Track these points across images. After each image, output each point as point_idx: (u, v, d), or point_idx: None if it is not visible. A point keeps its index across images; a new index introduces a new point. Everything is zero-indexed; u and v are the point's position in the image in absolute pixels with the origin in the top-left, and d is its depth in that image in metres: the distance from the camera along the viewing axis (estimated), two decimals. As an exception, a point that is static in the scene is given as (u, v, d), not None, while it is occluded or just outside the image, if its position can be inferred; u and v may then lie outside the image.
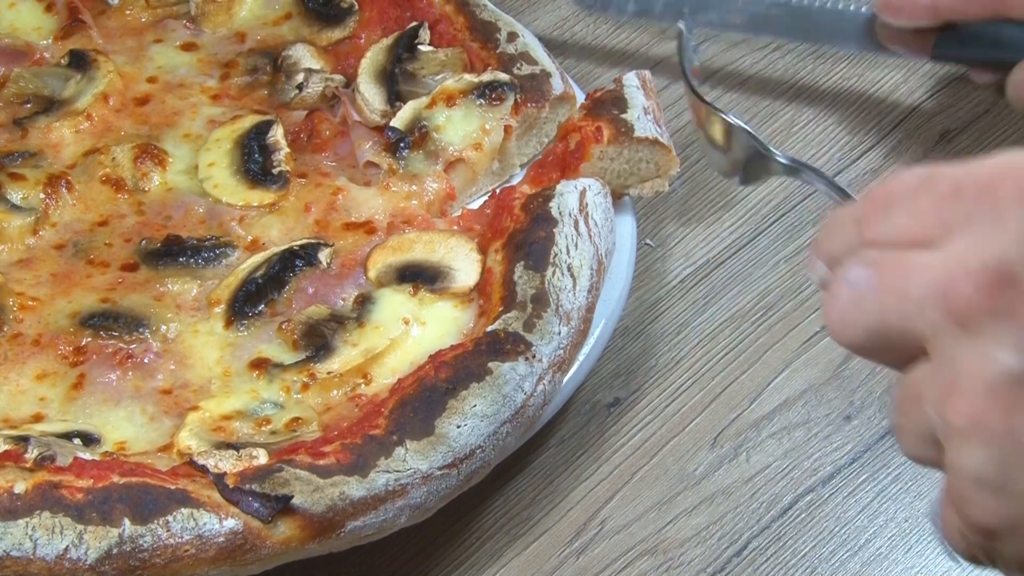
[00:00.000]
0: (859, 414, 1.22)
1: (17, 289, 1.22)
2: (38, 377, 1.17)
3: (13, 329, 1.20)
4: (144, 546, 1.03)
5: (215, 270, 1.24)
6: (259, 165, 1.29)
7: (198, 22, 1.42)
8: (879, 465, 1.19)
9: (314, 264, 1.22)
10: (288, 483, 1.05)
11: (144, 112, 1.35)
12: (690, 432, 1.21)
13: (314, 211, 1.27)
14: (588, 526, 1.16)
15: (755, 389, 1.24)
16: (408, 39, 1.36)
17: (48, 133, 1.33)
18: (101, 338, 1.19)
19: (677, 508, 1.17)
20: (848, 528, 1.16)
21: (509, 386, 1.11)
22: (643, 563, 1.14)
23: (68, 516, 1.03)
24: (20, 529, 1.03)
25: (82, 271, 1.24)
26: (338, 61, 1.38)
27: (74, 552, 1.03)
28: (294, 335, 1.18)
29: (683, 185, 1.38)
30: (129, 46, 1.41)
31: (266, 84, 1.37)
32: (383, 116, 1.31)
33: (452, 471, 1.09)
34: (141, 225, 1.27)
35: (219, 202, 1.28)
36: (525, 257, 1.18)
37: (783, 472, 1.19)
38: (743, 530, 1.16)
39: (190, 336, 1.20)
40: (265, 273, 1.21)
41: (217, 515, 1.04)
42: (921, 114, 1.43)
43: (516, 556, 1.15)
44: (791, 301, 1.29)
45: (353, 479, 1.06)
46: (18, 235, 1.26)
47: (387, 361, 1.16)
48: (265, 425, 1.13)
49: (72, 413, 1.15)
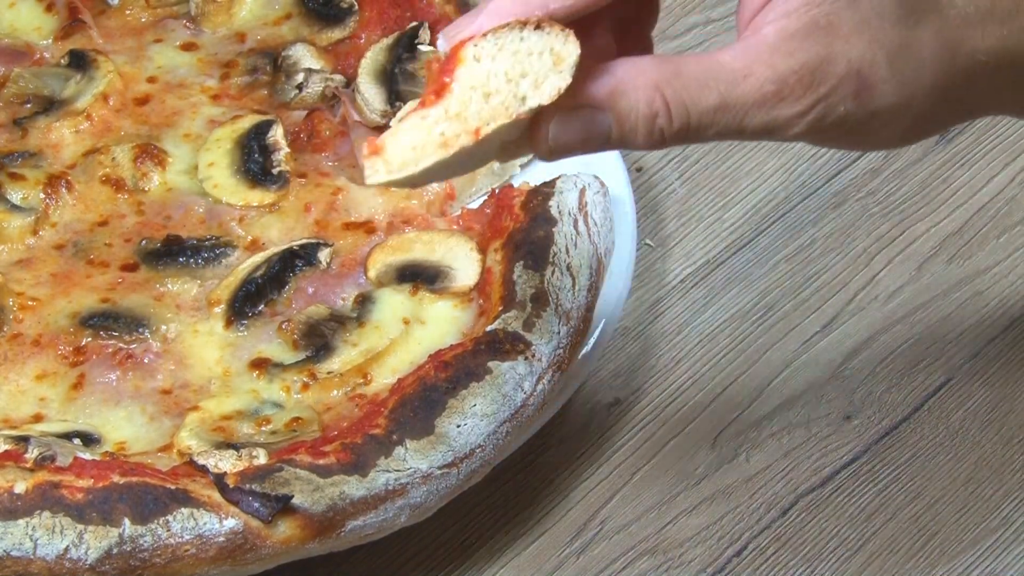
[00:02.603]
0: (859, 414, 1.22)
1: (17, 289, 1.22)
2: (38, 377, 1.17)
3: (13, 329, 1.20)
4: (144, 546, 1.03)
5: (215, 270, 1.24)
6: (259, 165, 1.29)
7: (198, 22, 1.42)
8: (879, 465, 1.19)
9: (314, 264, 1.22)
10: (288, 483, 1.05)
11: (144, 112, 1.35)
12: (690, 432, 1.21)
13: (314, 211, 1.27)
14: (588, 526, 1.16)
15: (755, 389, 1.24)
16: (408, 39, 1.36)
17: (48, 133, 1.33)
18: (101, 338, 1.19)
19: (677, 508, 1.17)
20: (848, 528, 1.16)
21: (509, 385, 1.11)
22: (643, 563, 1.14)
23: (68, 516, 1.03)
24: (20, 529, 1.03)
25: (82, 271, 1.24)
26: (338, 61, 1.38)
27: (74, 552, 1.03)
28: (294, 335, 1.18)
29: (683, 185, 1.38)
30: (129, 46, 1.41)
31: (266, 84, 1.37)
32: (383, 116, 1.31)
33: (452, 470, 1.09)
34: (141, 225, 1.27)
35: (219, 202, 1.28)
36: (524, 256, 1.18)
37: (783, 472, 1.19)
38: (743, 530, 1.16)
39: (190, 336, 1.20)
40: (265, 273, 1.21)
41: (217, 515, 1.04)
42: (921, 114, 1.43)
43: (516, 556, 1.15)
44: (791, 301, 1.29)
45: (353, 479, 1.06)
46: (18, 235, 1.26)
47: (387, 361, 1.16)
48: (265, 425, 1.13)
49: (72, 413, 1.15)
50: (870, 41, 0.91)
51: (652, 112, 0.90)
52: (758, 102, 0.90)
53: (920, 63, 0.93)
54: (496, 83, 0.89)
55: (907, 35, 0.92)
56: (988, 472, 1.18)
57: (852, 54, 0.91)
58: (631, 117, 0.90)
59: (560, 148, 0.92)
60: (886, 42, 0.91)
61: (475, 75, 0.89)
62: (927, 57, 0.93)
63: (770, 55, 0.90)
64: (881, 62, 0.91)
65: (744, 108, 0.90)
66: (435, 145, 0.90)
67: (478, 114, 0.89)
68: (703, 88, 0.90)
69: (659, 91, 0.90)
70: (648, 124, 0.90)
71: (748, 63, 0.90)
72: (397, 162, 0.90)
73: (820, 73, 0.90)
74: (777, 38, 0.90)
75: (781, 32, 0.90)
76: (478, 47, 0.89)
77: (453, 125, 0.90)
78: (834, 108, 0.91)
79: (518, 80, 0.89)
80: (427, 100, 0.90)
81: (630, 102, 0.90)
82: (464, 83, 0.89)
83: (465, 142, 0.89)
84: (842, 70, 0.91)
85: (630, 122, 0.90)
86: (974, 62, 0.94)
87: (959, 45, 0.94)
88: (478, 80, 0.89)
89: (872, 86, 0.91)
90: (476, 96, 0.89)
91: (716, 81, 0.90)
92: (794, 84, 0.90)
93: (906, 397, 1.23)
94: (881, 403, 1.22)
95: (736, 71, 0.90)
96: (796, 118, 0.91)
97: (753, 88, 0.90)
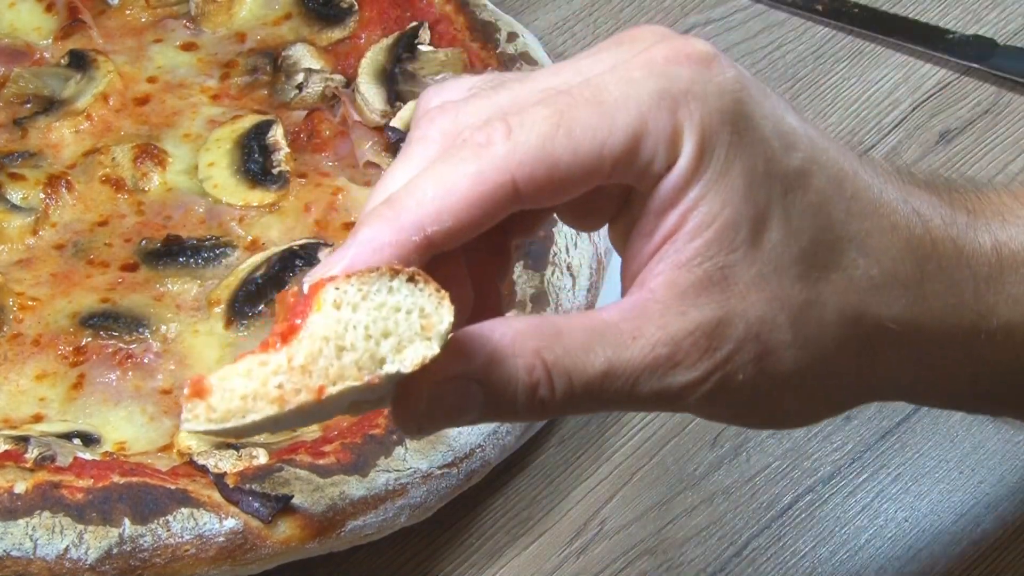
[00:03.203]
0: (859, 414, 1.22)
1: (17, 289, 1.22)
2: (38, 377, 1.17)
3: (13, 329, 1.20)
4: (144, 546, 1.03)
5: (215, 270, 1.24)
6: (259, 165, 1.29)
7: (198, 22, 1.42)
8: (879, 465, 1.19)
9: (314, 264, 1.22)
10: (288, 483, 1.05)
11: (144, 112, 1.35)
12: (690, 432, 1.21)
13: (314, 211, 1.27)
14: (588, 526, 1.16)
15: (755, 389, 1.24)
16: (408, 39, 1.36)
17: (48, 133, 1.33)
18: (101, 338, 1.19)
19: (677, 508, 1.17)
20: (848, 528, 1.16)
21: (509, 386, 1.11)
22: (643, 563, 1.14)
23: (68, 516, 1.03)
24: (20, 529, 1.03)
25: (82, 271, 1.24)
26: (338, 61, 1.38)
27: (74, 552, 1.03)
28: (294, 335, 1.18)
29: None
30: (129, 46, 1.41)
31: (266, 84, 1.37)
32: (383, 116, 1.31)
33: (452, 470, 1.09)
34: (141, 225, 1.27)
35: (219, 202, 1.28)
36: (524, 256, 1.18)
37: (783, 472, 1.19)
38: (743, 530, 1.16)
39: (190, 336, 1.20)
40: (265, 273, 1.21)
41: (217, 515, 1.04)
42: (921, 114, 1.43)
43: (516, 556, 1.15)
44: (791, 301, 1.29)
45: (353, 478, 1.06)
46: (18, 235, 1.26)
47: (387, 361, 1.16)
48: (265, 425, 1.13)
49: (72, 413, 1.15)
50: (770, 299, 0.80)
51: (533, 382, 0.77)
52: (650, 367, 0.79)
53: (823, 325, 0.81)
54: (353, 337, 0.75)
55: (809, 294, 0.81)
56: (988, 472, 1.18)
57: (751, 314, 0.79)
58: (510, 388, 0.77)
59: (428, 424, 0.78)
60: (787, 301, 0.80)
61: (330, 324, 0.75)
62: (830, 320, 0.82)
63: (661, 314, 0.79)
64: (783, 324, 0.80)
65: (634, 374, 0.79)
66: (270, 399, 0.75)
67: (325, 371, 0.75)
68: (587, 352, 0.78)
69: (539, 357, 0.77)
70: (529, 395, 0.77)
71: (637, 323, 0.79)
72: (222, 410, 0.75)
73: (717, 336, 0.79)
74: (667, 294, 0.79)
75: (672, 287, 0.79)
76: (339, 290, 0.75)
77: (295, 378, 0.75)
78: (733, 376, 0.80)
79: (379, 339, 0.75)
80: (270, 342, 0.75)
81: (510, 372, 0.77)
82: (316, 332, 0.75)
83: (305, 399, 0.75)
84: (741, 333, 0.79)
85: (508, 394, 0.77)
86: (880, 328, 0.83)
87: (864, 309, 0.83)
88: (333, 331, 0.75)
89: (773, 351, 0.80)
90: (328, 349, 0.75)
91: (602, 345, 0.78)
92: (689, 348, 0.79)
93: (906, 397, 1.23)
94: (881, 403, 1.22)
95: (623, 332, 0.79)
96: (693, 386, 0.79)
97: (643, 351, 0.79)
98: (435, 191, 0.76)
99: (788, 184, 0.80)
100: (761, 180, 0.79)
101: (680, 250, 0.79)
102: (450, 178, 0.77)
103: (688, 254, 0.79)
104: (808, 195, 0.80)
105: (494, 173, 0.77)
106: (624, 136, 0.77)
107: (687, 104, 0.78)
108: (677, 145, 0.78)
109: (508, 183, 0.77)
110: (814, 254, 0.81)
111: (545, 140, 0.77)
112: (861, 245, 0.82)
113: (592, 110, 0.77)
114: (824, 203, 0.81)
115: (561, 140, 0.77)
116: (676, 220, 0.79)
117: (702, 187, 0.78)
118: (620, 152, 0.77)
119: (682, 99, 0.78)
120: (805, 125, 0.82)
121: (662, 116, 0.77)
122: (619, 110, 0.77)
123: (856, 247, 0.82)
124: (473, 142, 0.77)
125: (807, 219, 0.81)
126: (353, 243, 0.76)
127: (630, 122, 0.77)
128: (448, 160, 0.78)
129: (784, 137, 0.80)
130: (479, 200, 0.77)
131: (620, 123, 0.77)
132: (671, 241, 0.79)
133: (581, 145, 0.77)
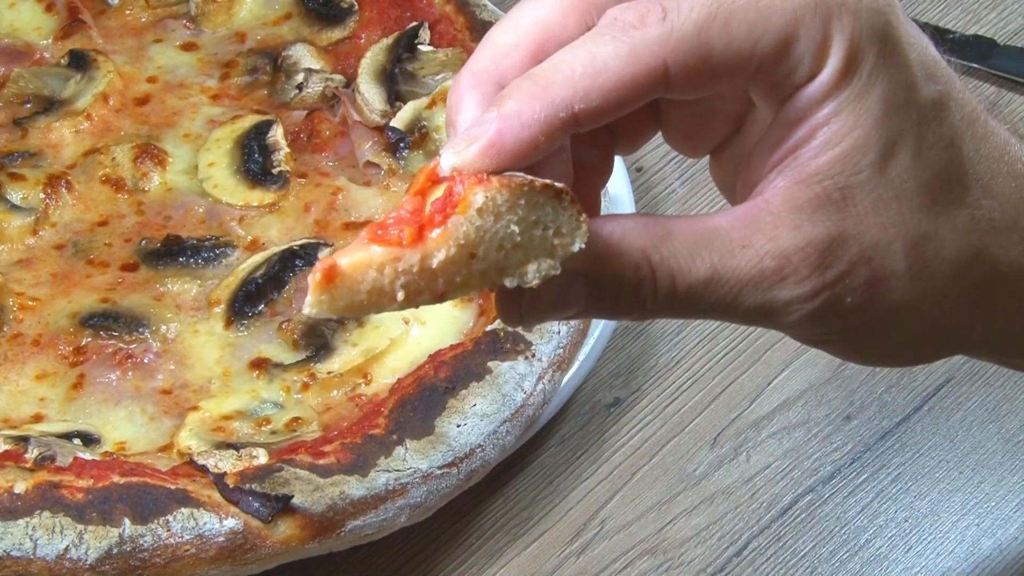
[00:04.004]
0: (859, 414, 1.22)
1: (17, 289, 1.22)
2: (38, 377, 1.17)
3: (13, 329, 1.20)
4: (144, 546, 1.03)
5: (215, 270, 1.24)
6: (259, 165, 1.29)
7: (198, 22, 1.42)
8: (879, 465, 1.19)
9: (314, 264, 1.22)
10: (288, 483, 1.05)
11: (144, 112, 1.35)
12: (690, 432, 1.21)
13: (314, 211, 1.27)
14: (588, 526, 1.16)
15: (755, 389, 1.24)
16: (408, 39, 1.36)
17: (48, 133, 1.33)
18: (101, 338, 1.19)
19: (677, 508, 1.17)
20: (848, 528, 1.16)
21: (509, 385, 1.11)
22: (643, 563, 1.14)
23: (68, 516, 1.03)
24: (20, 529, 1.03)
25: (82, 271, 1.24)
26: (338, 61, 1.38)
27: (74, 552, 1.03)
28: (294, 335, 1.18)
29: (683, 185, 1.38)
30: (129, 46, 1.41)
31: (266, 84, 1.37)
32: (383, 116, 1.31)
33: (452, 470, 1.09)
34: (141, 225, 1.27)
35: (219, 202, 1.28)
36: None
37: (783, 472, 1.19)
38: (743, 530, 1.16)
39: (190, 336, 1.20)
40: (265, 273, 1.21)
41: (217, 515, 1.04)
42: (921, 114, 1.43)
43: (516, 556, 1.15)
44: (791, 301, 1.29)
45: (353, 479, 1.06)
46: (18, 235, 1.26)
47: (387, 361, 1.16)
48: (265, 425, 1.13)
49: (72, 413, 1.15)
50: (887, 226, 0.79)
51: (638, 280, 0.77)
52: (755, 279, 0.78)
53: (939, 260, 0.81)
54: (487, 249, 0.73)
55: (928, 226, 0.80)
56: (988, 472, 1.18)
57: (866, 238, 0.79)
58: (614, 285, 0.77)
59: (532, 316, 0.78)
60: (905, 229, 0.79)
61: (470, 231, 0.73)
62: (947, 255, 0.81)
63: (774, 226, 0.78)
64: (898, 251, 0.79)
65: (739, 284, 0.78)
66: (391, 295, 0.73)
67: (453, 277, 0.73)
68: (693, 257, 0.78)
69: (645, 256, 0.77)
70: (632, 294, 0.78)
71: (747, 232, 0.78)
72: (343, 304, 0.73)
73: (829, 255, 0.78)
74: (783, 207, 0.78)
75: (788, 201, 0.78)
76: (488, 197, 0.72)
77: (423, 281, 0.73)
78: (842, 298, 0.79)
79: (510, 252, 0.74)
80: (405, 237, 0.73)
81: (615, 269, 0.77)
82: (455, 236, 0.73)
83: (424, 302, 0.74)
84: (854, 255, 0.79)
85: (612, 291, 0.78)
86: (995, 273, 0.83)
87: (982, 249, 0.82)
88: (470, 238, 0.73)
89: (885, 278, 0.79)
90: (461, 255, 0.73)
91: (709, 250, 0.78)
92: (798, 263, 0.78)
93: (906, 397, 1.23)
94: (881, 403, 1.22)
95: (733, 240, 0.78)
96: (797, 303, 0.79)
97: (751, 262, 0.78)
98: (584, 68, 0.75)
99: (924, 114, 0.80)
100: (898, 106, 0.79)
101: (804, 165, 0.78)
102: (600, 57, 0.75)
103: (811, 170, 0.78)
104: (942, 128, 0.80)
105: (647, 55, 0.75)
106: (777, 36, 0.76)
107: (840, 17, 0.77)
108: (824, 56, 0.77)
109: (660, 67, 0.75)
110: (939, 188, 0.81)
111: (701, 28, 0.76)
112: (986, 187, 0.82)
113: (750, 5, 0.76)
114: (956, 138, 0.81)
115: (717, 30, 0.76)
116: (805, 134, 0.78)
117: (839, 103, 0.78)
118: (770, 51, 0.76)
119: (836, 10, 0.78)
120: (943, 60, 0.82)
121: (816, 24, 0.77)
122: (775, 10, 0.77)
123: (981, 187, 0.82)
124: (625, 22, 0.76)
125: (937, 152, 0.80)
126: (497, 115, 0.74)
127: (784, 24, 0.77)
128: (598, 38, 0.76)
129: (927, 67, 0.80)
130: (630, 81, 0.75)
131: (775, 22, 0.76)
132: (795, 155, 0.79)
133: (736, 38, 0.76)
